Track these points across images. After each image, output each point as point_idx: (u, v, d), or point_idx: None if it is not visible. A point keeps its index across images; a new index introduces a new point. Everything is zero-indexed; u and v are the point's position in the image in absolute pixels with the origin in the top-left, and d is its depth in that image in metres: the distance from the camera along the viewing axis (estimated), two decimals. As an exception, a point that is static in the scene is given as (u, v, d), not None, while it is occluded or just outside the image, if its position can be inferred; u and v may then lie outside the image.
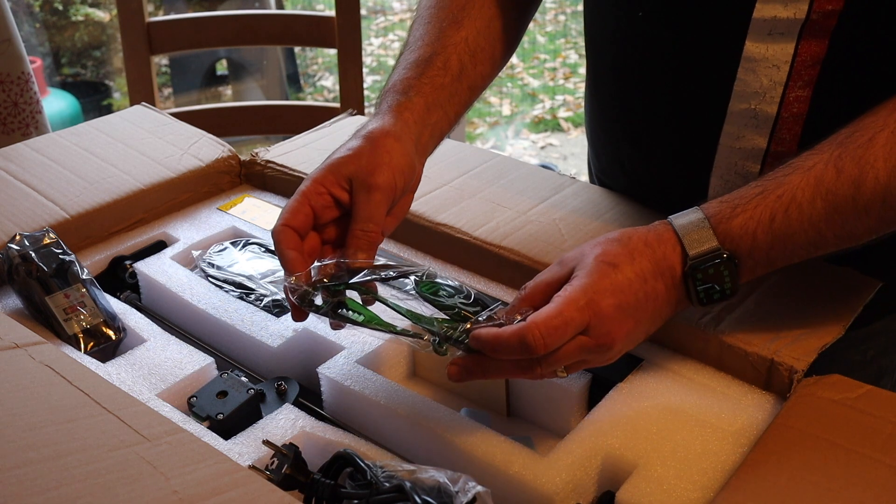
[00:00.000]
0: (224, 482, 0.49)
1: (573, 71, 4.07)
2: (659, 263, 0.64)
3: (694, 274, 0.64)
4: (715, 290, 0.64)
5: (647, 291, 0.63)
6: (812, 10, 0.69)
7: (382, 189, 0.68)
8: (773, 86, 0.73)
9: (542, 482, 0.60)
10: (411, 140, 0.73)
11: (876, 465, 0.57)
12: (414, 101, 0.76)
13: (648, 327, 0.65)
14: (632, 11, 0.80)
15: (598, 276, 0.62)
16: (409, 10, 4.64)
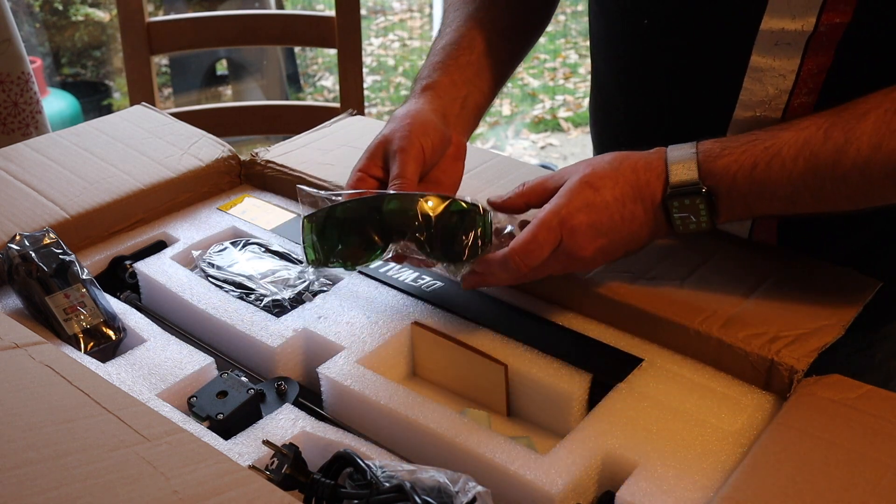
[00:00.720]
0: (224, 482, 0.49)
1: (573, 71, 4.07)
2: (641, 189, 0.69)
3: (671, 201, 0.68)
4: (691, 220, 0.69)
5: (625, 214, 0.69)
6: (820, 23, 0.69)
7: (410, 152, 0.75)
8: (779, 94, 0.73)
9: (542, 482, 0.60)
10: (436, 112, 0.80)
11: (876, 465, 0.57)
12: (438, 80, 0.83)
13: (626, 245, 0.71)
14: (637, 19, 0.81)
15: (574, 197, 0.69)
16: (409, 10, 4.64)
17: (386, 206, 0.70)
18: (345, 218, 0.71)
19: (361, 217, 0.70)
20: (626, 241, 0.70)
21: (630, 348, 0.74)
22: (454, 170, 0.81)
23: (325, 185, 0.94)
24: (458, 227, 0.70)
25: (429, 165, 0.77)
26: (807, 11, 0.69)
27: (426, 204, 0.70)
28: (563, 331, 0.76)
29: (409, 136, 0.75)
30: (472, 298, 0.80)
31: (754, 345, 0.69)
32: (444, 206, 0.70)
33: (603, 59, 0.90)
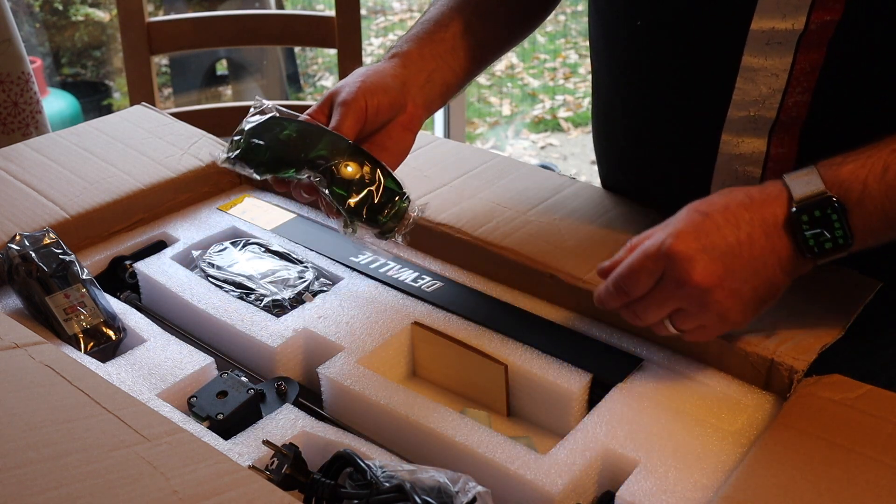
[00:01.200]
0: (224, 482, 0.49)
1: (573, 71, 4.07)
2: (758, 210, 0.63)
3: (799, 217, 0.62)
4: (825, 237, 0.62)
5: (741, 238, 0.62)
6: (810, 22, 0.69)
7: (350, 106, 0.75)
8: (772, 93, 0.73)
9: (542, 482, 0.60)
10: (396, 78, 0.79)
11: (876, 465, 0.57)
12: (407, 50, 0.83)
13: (752, 280, 0.63)
14: (631, 20, 0.81)
15: (682, 224, 0.64)
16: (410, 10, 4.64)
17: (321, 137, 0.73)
18: (278, 130, 0.74)
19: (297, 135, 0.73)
20: (748, 273, 0.63)
21: (630, 348, 0.74)
22: (402, 139, 0.80)
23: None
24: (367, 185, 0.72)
25: (371, 125, 0.77)
26: (797, 10, 0.69)
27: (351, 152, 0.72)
28: (563, 331, 0.76)
29: (356, 92, 0.75)
30: (472, 298, 0.80)
31: (754, 345, 0.69)
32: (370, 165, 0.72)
33: (600, 61, 0.90)
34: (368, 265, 0.85)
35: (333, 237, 0.90)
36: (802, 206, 0.62)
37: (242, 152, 0.74)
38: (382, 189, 0.72)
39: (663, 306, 0.65)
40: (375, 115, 0.76)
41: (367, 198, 0.71)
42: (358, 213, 0.71)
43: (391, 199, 0.72)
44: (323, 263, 0.86)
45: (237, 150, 0.75)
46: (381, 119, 0.78)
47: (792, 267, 0.64)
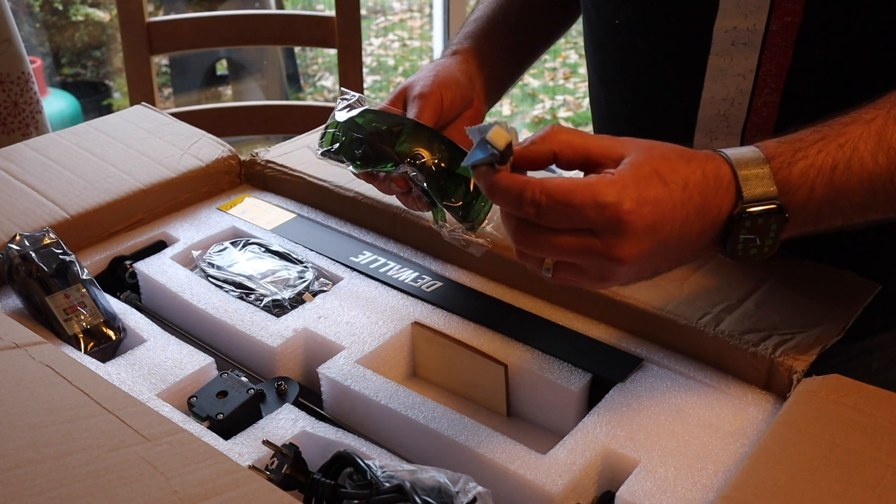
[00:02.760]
0: (224, 482, 0.49)
1: (573, 71, 4.07)
2: (708, 199, 0.57)
3: (741, 220, 0.57)
4: (755, 243, 0.58)
5: (685, 224, 0.56)
6: (771, 22, 0.70)
7: (428, 98, 0.76)
8: (740, 94, 0.74)
9: (542, 482, 0.60)
10: (463, 73, 0.81)
11: (876, 465, 0.57)
12: (468, 47, 0.85)
13: (663, 264, 0.59)
14: (609, 20, 0.82)
15: (642, 183, 0.54)
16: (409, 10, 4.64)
17: (414, 130, 0.73)
18: (374, 123, 0.75)
19: (389, 128, 0.74)
20: (669, 258, 0.58)
21: (630, 348, 0.74)
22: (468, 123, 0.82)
23: (325, 184, 0.94)
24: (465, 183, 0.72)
25: (446, 118, 0.78)
26: (757, 10, 0.70)
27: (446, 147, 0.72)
28: (563, 331, 0.76)
29: (431, 84, 0.77)
30: (472, 298, 0.80)
31: (754, 345, 0.69)
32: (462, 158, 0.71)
33: (588, 58, 0.92)
34: (368, 265, 0.85)
35: (333, 237, 0.90)
36: (750, 212, 0.57)
37: (340, 146, 0.75)
38: (474, 184, 0.72)
39: (563, 254, 0.56)
40: (450, 107, 0.78)
41: (462, 193, 0.72)
42: (455, 209, 0.72)
43: (480, 192, 0.73)
44: (323, 263, 0.86)
45: (333, 142, 0.76)
46: (454, 112, 0.79)
47: (706, 254, 0.61)
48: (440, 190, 0.72)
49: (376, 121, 0.75)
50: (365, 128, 0.75)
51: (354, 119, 0.76)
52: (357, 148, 0.75)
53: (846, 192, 0.59)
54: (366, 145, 0.74)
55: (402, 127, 0.74)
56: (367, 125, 0.75)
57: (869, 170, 0.58)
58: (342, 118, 0.76)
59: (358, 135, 0.75)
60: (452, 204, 0.72)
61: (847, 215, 0.60)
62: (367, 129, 0.75)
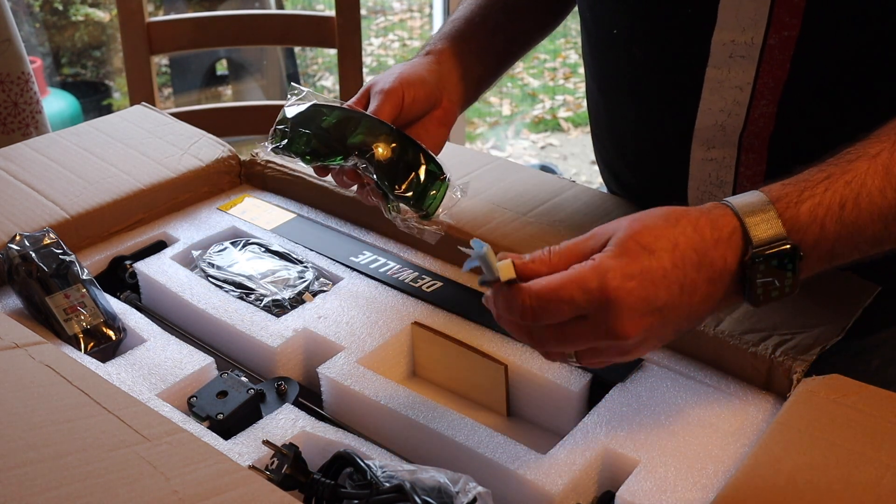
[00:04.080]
0: (224, 482, 0.49)
1: (573, 71, 4.07)
2: (707, 253, 0.56)
3: (755, 265, 0.56)
4: (774, 286, 0.57)
5: (685, 285, 0.55)
6: (769, 36, 0.70)
7: (388, 94, 0.76)
8: (737, 105, 0.74)
9: (542, 482, 0.60)
10: (432, 73, 0.81)
11: (876, 465, 0.57)
12: (442, 48, 0.85)
13: (680, 325, 0.58)
14: (608, 29, 0.83)
15: (625, 259, 0.54)
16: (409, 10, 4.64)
17: (362, 122, 0.74)
18: (323, 117, 0.76)
19: (337, 121, 0.75)
20: (681, 319, 0.57)
21: (630, 348, 0.74)
22: (437, 132, 0.82)
23: (325, 184, 0.94)
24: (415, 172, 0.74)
25: (407, 115, 0.79)
26: (755, 24, 0.70)
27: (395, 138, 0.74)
28: (563, 331, 0.76)
29: (393, 81, 0.78)
30: (473, 298, 0.80)
31: (754, 345, 0.69)
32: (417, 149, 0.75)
33: (586, 65, 0.93)
34: (368, 265, 0.85)
35: (333, 237, 0.90)
36: (762, 255, 0.56)
37: (289, 142, 0.76)
38: (426, 172, 0.75)
39: (575, 343, 0.57)
40: (412, 104, 0.78)
41: (413, 183, 0.74)
42: (405, 199, 0.74)
43: (434, 181, 0.75)
44: (323, 263, 0.86)
45: (282, 139, 0.76)
46: (416, 110, 0.79)
47: (724, 306, 0.59)
48: (390, 181, 0.74)
49: (325, 114, 0.76)
50: (314, 122, 0.75)
51: (303, 113, 0.76)
52: (306, 143, 0.75)
53: (857, 227, 0.58)
54: (314, 140, 0.75)
55: (350, 120, 0.75)
56: (315, 119, 0.76)
57: (878, 205, 0.58)
58: (291, 114, 0.77)
59: (306, 130, 0.75)
60: (403, 194, 0.74)
61: (862, 250, 0.60)
62: (316, 123, 0.75)
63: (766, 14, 0.69)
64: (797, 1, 0.68)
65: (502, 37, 0.88)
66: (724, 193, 0.79)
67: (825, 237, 0.58)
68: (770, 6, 0.69)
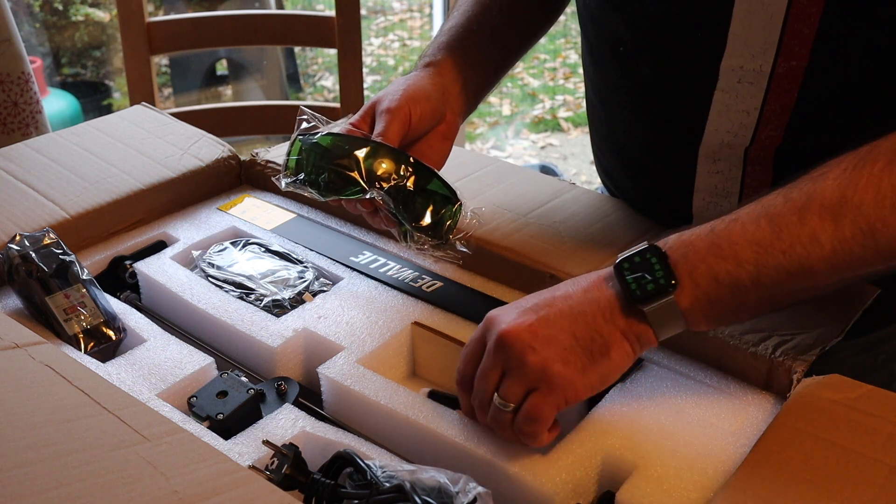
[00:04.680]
0: (224, 482, 0.49)
1: (573, 71, 4.07)
2: (578, 281, 0.64)
3: (621, 265, 0.62)
4: (646, 279, 0.60)
5: (556, 295, 0.63)
6: (777, 64, 0.70)
7: (395, 114, 0.76)
8: (744, 128, 0.75)
9: (542, 482, 0.60)
10: (435, 87, 0.81)
11: (876, 465, 0.57)
12: (442, 59, 0.84)
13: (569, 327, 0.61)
14: (614, 45, 0.82)
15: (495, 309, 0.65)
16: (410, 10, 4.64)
17: (378, 153, 0.73)
18: (338, 148, 0.74)
19: (353, 153, 0.73)
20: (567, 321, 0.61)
21: (630, 348, 0.74)
22: (441, 147, 0.82)
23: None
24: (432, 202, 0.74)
25: (414, 133, 0.78)
26: (764, 53, 0.70)
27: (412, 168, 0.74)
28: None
29: (399, 99, 0.77)
30: (472, 298, 0.80)
31: (754, 345, 0.69)
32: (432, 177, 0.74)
33: (588, 78, 0.92)
34: (368, 265, 0.85)
35: (333, 237, 0.90)
36: (623, 258, 0.62)
37: (305, 176, 0.75)
38: (442, 200, 0.74)
39: (490, 373, 0.62)
40: (419, 122, 0.78)
41: (431, 214, 0.74)
42: (424, 229, 0.74)
43: (449, 209, 0.75)
44: (323, 263, 0.86)
45: (298, 172, 0.75)
46: (423, 127, 0.79)
47: (617, 316, 0.61)
48: (409, 213, 0.74)
49: (339, 144, 0.74)
50: (329, 153, 0.74)
51: (316, 145, 0.75)
52: (323, 177, 0.74)
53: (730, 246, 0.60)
54: (331, 174, 0.74)
55: (366, 149, 0.73)
56: (331, 149, 0.74)
57: (751, 232, 0.60)
58: (303, 145, 0.75)
59: (322, 161, 0.74)
60: (422, 225, 0.74)
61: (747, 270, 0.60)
62: (331, 154, 0.74)
63: (775, 43, 0.69)
64: (807, 32, 0.68)
65: (500, 45, 0.88)
66: (730, 203, 0.79)
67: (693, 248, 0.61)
68: (780, 35, 0.69)
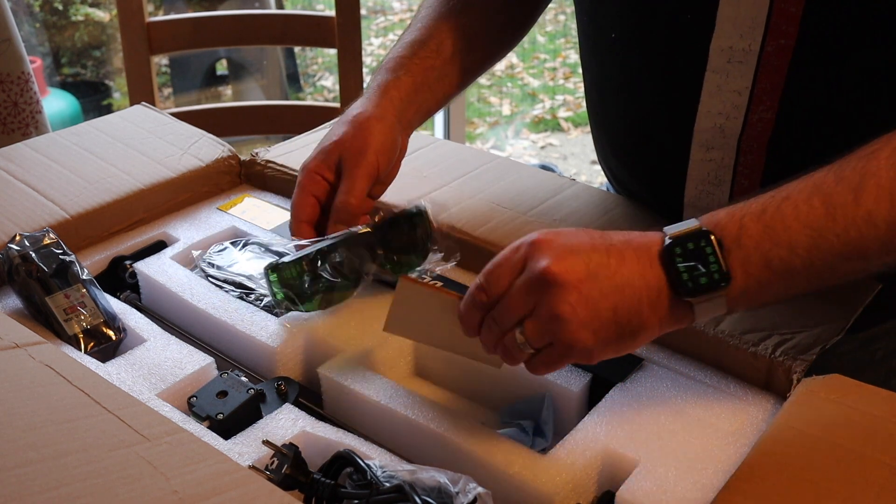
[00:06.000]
0: (224, 482, 0.49)
1: (573, 71, 4.07)
2: (631, 239, 0.59)
3: (672, 249, 0.58)
4: (699, 270, 0.57)
5: (611, 252, 0.58)
6: (766, 43, 0.71)
7: (364, 168, 0.76)
8: (736, 109, 0.75)
9: (542, 482, 0.60)
10: (395, 117, 0.80)
11: (876, 465, 0.57)
12: (402, 79, 0.82)
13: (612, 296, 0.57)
14: (606, 33, 0.83)
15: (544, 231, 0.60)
16: (410, 10, 4.64)
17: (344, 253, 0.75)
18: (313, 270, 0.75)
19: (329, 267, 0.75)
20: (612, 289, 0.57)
21: (630, 348, 0.74)
22: (394, 170, 0.84)
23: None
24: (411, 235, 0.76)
25: (380, 180, 0.80)
26: (752, 31, 0.71)
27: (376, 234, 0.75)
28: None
29: (365, 151, 0.77)
30: (472, 298, 0.80)
31: (754, 345, 0.69)
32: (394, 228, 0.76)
33: (584, 67, 0.93)
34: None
35: (333, 237, 0.90)
36: (675, 239, 0.58)
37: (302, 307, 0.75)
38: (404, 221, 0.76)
39: (519, 305, 0.58)
40: (385, 169, 0.80)
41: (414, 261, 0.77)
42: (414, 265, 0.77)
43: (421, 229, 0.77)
44: (323, 263, 0.86)
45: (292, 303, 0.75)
46: (387, 170, 0.80)
47: (662, 305, 0.58)
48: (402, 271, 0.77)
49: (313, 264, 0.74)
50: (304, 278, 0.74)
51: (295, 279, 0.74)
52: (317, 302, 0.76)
53: (784, 230, 0.58)
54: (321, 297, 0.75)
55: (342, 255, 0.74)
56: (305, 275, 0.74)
57: (804, 213, 0.58)
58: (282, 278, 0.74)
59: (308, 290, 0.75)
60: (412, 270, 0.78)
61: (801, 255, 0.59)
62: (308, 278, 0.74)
63: (763, 22, 0.70)
64: (793, 10, 0.69)
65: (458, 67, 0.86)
66: (722, 192, 0.80)
67: (747, 234, 0.58)
68: (767, 15, 0.70)
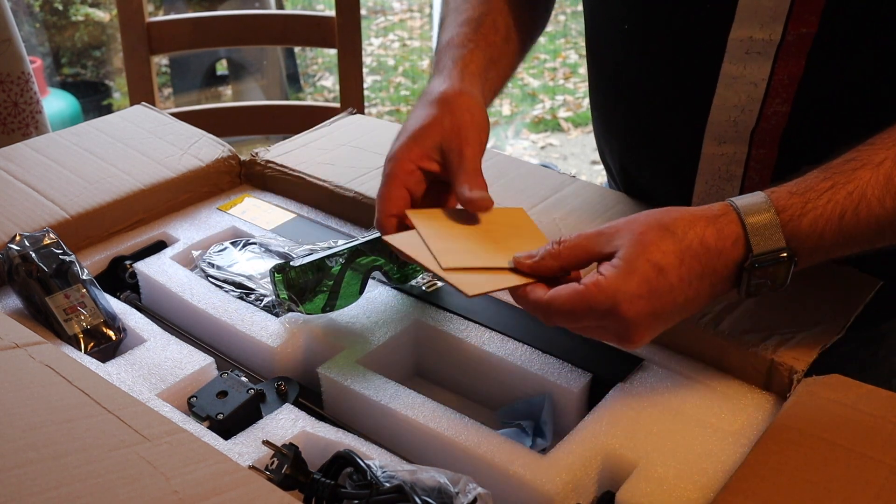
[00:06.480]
0: (224, 482, 0.49)
1: (573, 71, 4.07)
2: (711, 262, 0.60)
3: (753, 271, 0.61)
4: (766, 285, 0.62)
5: (689, 294, 0.60)
6: (787, 32, 0.70)
7: (474, 147, 0.70)
8: (751, 101, 0.74)
9: (542, 482, 0.60)
10: (480, 92, 0.75)
11: (876, 465, 0.57)
12: (476, 53, 0.77)
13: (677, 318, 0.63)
14: (619, 24, 0.82)
15: (635, 277, 0.59)
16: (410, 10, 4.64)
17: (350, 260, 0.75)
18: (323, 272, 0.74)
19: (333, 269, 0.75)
20: (681, 316, 0.63)
21: (630, 348, 0.74)
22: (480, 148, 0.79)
23: (325, 184, 0.94)
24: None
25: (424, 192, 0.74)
26: (773, 21, 0.70)
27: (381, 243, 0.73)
28: (564, 331, 0.76)
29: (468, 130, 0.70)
30: (473, 298, 0.80)
31: (754, 345, 0.69)
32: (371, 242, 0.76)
33: (593, 61, 0.92)
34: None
35: (333, 237, 0.90)
36: (761, 262, 0.61)
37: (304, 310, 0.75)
38: None
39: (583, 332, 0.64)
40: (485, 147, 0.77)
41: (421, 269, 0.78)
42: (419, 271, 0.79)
43: None
44: (323, 263, 0.86)
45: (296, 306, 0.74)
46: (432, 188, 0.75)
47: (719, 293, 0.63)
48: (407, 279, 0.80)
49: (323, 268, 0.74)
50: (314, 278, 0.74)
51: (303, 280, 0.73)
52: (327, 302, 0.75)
53: (854, 235, 0.61)
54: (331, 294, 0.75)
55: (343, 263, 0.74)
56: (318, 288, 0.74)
57: (876, 214, 0.60)
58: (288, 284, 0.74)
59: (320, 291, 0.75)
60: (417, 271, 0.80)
61: (857, 249, 0.63)
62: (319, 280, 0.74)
63: (785, 11, 0.69)
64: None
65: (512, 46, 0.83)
66: (733, 187, 0.79)
67: (822, 246, 0.61)
68: (790, 3, 0.69)
